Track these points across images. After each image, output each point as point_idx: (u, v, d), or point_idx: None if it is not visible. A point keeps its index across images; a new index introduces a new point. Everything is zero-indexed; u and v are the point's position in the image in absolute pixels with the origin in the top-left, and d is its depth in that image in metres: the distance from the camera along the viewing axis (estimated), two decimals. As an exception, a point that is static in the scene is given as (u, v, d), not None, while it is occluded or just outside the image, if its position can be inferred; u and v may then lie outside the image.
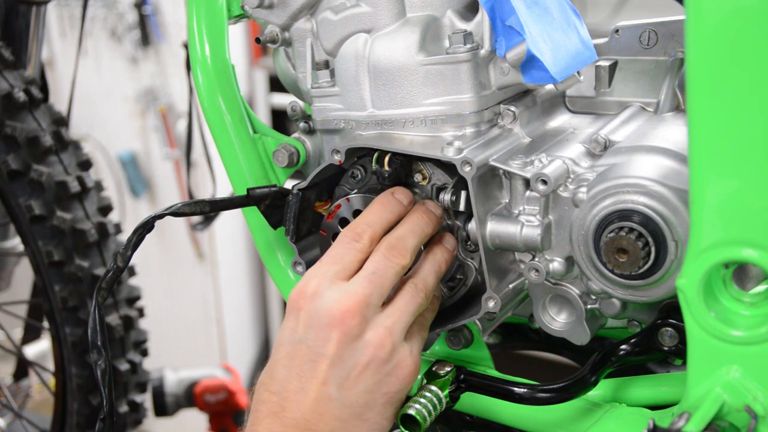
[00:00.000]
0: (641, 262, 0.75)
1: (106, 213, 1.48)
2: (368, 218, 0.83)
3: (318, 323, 0.77)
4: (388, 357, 0.77)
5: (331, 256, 0.81)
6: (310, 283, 0.79)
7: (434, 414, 0.84)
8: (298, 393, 0.77)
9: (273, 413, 0.77)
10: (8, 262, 1.83)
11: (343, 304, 0.76)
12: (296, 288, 0.80)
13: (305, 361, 0.77)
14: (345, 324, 0.76)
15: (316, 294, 0.78)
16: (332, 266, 0.80)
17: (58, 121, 1.42)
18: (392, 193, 0.85)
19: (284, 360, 0.78)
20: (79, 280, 1.40)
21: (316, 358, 0.77)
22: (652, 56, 0.92)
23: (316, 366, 0.76)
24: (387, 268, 0.79)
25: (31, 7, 1.48)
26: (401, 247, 0.81)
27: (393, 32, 0.87)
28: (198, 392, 2.20)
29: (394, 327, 0.78)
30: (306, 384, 0.76)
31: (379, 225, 0.83)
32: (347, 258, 0.80)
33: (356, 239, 0.81)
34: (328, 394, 0.76)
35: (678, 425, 0.67)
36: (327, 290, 0.78)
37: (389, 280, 0.80)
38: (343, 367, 0.76)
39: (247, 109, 1.03)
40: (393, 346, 0.78)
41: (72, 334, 1.43)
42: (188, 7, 1.00)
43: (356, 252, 0.81)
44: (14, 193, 1.36)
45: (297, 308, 0.79)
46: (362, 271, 0.79)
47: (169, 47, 3.28)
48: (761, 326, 0.69)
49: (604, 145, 0.84)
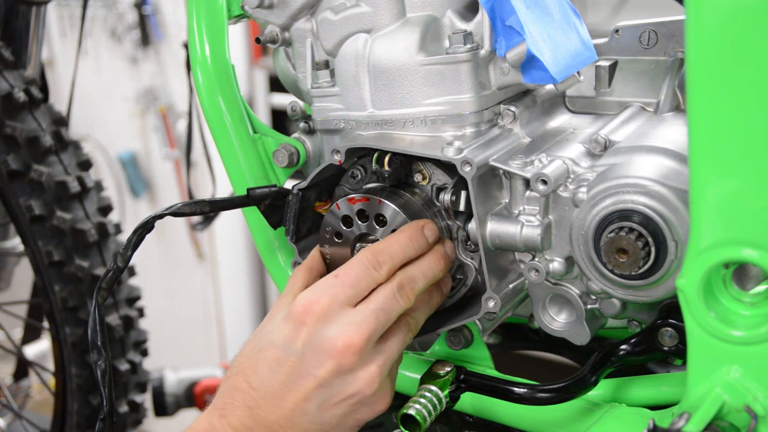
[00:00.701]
0: (641, 262, 0.75)
1: (106, 213, 1.48)
2: (393, 249, 0.83)
3: (317, 347, 0.78)
4: (373, 393, 0.80)
5: (348, 276, 0.80)
6: (320, 301, 0.79)
7: (434, 414, 0.84)
8: (277, 399, 0.78)
9: (248, 407, 0.79)
10: (8, 262, 1.83)
11: (348, 338, 0.77)
12: (305, 299, 0.79)
13: (294, 373, 0.78)
14: (344, 357, 0.77)
15: (323, 316, 0.78)
16: (346, 289, 0.79)
17: (58, 121, 1.42)
18: (422, 228, 0.85)
19: (273, 363, 0.79)
20: (79, 280, 1.40)
21: (305, 375, 0.78)
22: (652, 56, 0.92)
23: (303, 382, 0.78)
24: (393, 307, 0.80)
25: (31, 7, 1.48)
26: (410, 289, 0.82)
27: (393, 32, 0.87)
28: (198, 392, 2.19)
29: (384, 365, 0.80)
30: (288, 394, 0.78)
31: (400, 260, 0.83)
32: (362, 285, 0.80)
33: (376, 267, 0.81)
34: (305, 410, 0.78)
35: (678, 425, 0.67)
36: (335, 316, 0.78)
37: (391, 319, 0.81)
38: (328, 392, 0.78)
39: (247, 109, 1.03)
40: (380, 385, 0.80)
41: (72, 334, 1.43)
42: (188, 7, 1.00)
43: (372, 281, 0.81)
44: (14, 193, 1.36)
45: (301, 321, 0.79)
46: (371, 303, 0.80)
47: (169, 47, 3.28)
48: (761, 326, 0.69)
49: (604, 145, 0.84)
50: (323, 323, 0.78)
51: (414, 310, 0.84)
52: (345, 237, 0.89)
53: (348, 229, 0.88)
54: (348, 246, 0.89)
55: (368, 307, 0.79)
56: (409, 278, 0.82)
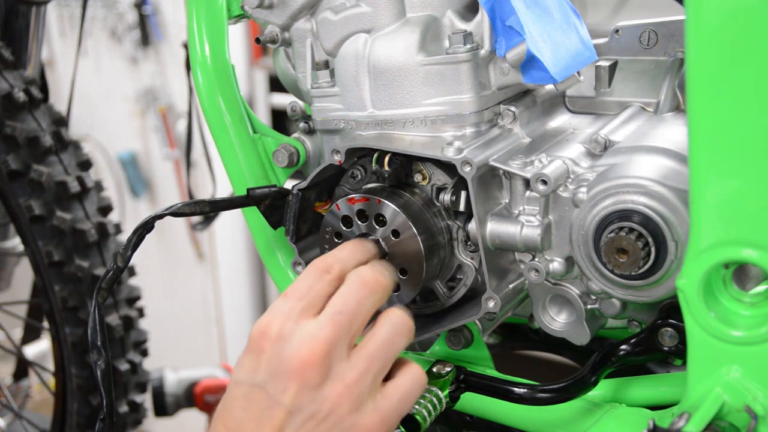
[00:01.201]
0: (641, 262, 0.75)
1: (106, 213, 1.48)
2: (340, 254, 0.80)
3: (277, 370, 0.73)
4: (350, 412, 0.73)
5: (296, 290, 0.76)
6: (273, 323, 0.74)
7: (434, 414, 0.84)
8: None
9: None
10: (8, 262, 1.83)
11: (307, 351, 0.72)
12: (259, 325, 0.75)
13: (262, 406, 0.73)
14: (303, 375, 0.72)
15: (279, 337, 0.74)
16: (298, 302, 0.75)
17: (58, 121, 1.42)
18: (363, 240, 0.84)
19: (242, 401, 0.75)
20: (79, 280, 1.40)
21: (273, 405, 0.73)
22: (652, 56, 0.92)
23: (273, 413, 0.73)
24: (357, 304, 0.75)
25: (31, 7, 1.48)
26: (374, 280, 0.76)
27: (393, 32, 0.87)
28: (198, 392, 2.19)
29: (357, 382, 0.73)
30: (262, 428, 0.73)
31: (351, 263, 0.79)
32: (313, 293, 0.76)
33: (326, 271, 0.77)
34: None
35: (678, 425, 0.67)
36: (291, 333, 0.73)
37: (359, 318, 0.75)
38: (300, 418, 0.72)
39: (247, 109, 1.03)
40: (351, 406, 0.73)
41: (72, 334, 1.43)
42: (188, 7, 1.00)
43: (324, 285, 0.76)
44: (14, 193, 1.36)
45: (259, 349, 0.74)
46: (328, 307, 0.75)
47: (169, 47, 3.28)
48: (761, 326, 0.69)
49: (604, 145, 0.84)
50: (281, 344, 0.73)
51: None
52: (345, 237, 0.89)
53: (348, 229, 0.88)
54: None
55: (325, 313, 0.74)
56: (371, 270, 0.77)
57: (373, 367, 0.74)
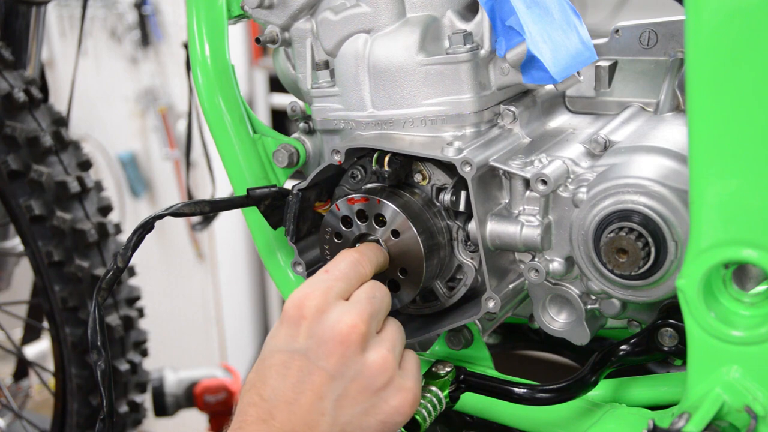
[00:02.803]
0: (641, 262, 0.75)
1: (106, 213, 1.48)
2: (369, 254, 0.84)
3: (321, 337, 0.76)
4: (388, 380, 0.77)
5: (338, 270, 0.80)
6: (312, 296, 0.78)
7: (434, 414, 0.84)
8: (291, 404, 0.75)
9: (262, 419, 0.75)
10: (8, 262, 1.83)
11: (350, 320, 0.76)
12: (297, 296, 0.79)
13: (303, 372, 0.76)
14: (349, 340, 0.75)
15: (319, 308, 0.77)
16: (338, 282, 0.79)
17: (58, 121, 1.42)
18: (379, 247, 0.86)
19: (279, 368, 0.76)
20: (79, 280, 1.40)
21: (314, 371, 0.75)
22: (652, 56, 0.92)
23: (314, 378, 0.75)
24: (381, 296, 0.80)
25: (31, 8, 1.48)
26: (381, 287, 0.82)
27: (393, 32, 0.87)
28: (198, 392, 2.19)
29: (392, 350, 0.78)
30: (301, 396, 0.75)
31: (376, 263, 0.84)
32: (352, 280, 0.80)
33: (363, 265, 0.82)
34: (321, 409, 0.75)
35: (678, 425, 0.67)
36: (331, 307, 0.77)
37: (385, 308, 0.80)
38: (342, 384, 0.75)
39: (247, 109, 1.03)
40: (394, 370, 0.77)
41: (72, 334, 1.43)
42: (188, 7, 1.00)
43: (359, 276, 0.81)
44: (14, 193, 1.36)
45: (299, 317, 0.77)
46: (362, 293, 0.80)
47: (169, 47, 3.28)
48: (761, 326, 0.69)
49: (604, 145, 0.84)
50: (322, 314, 0.77)
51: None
52: (345, 237, 0.89)
53: (348, 229, 0.88)
54: (348, 246, 0.89)
55: (360, 296, 0.79)
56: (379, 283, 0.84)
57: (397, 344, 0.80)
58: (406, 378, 0.79)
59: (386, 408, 0.77)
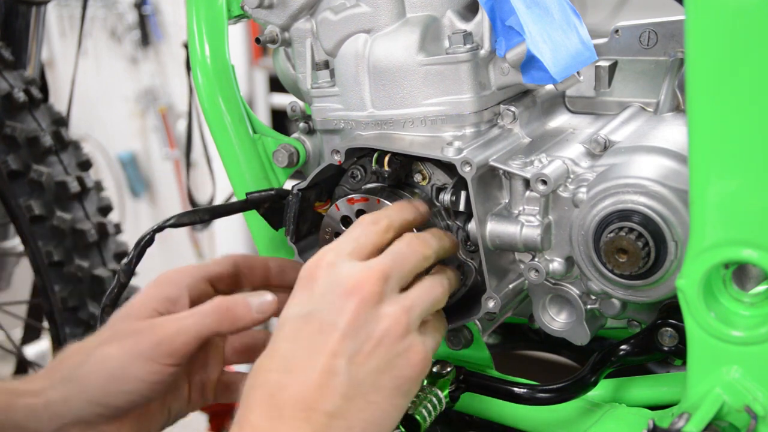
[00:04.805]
0: (641, 262, 0.75)
1: (106, 213, 1.48)
2: (387, 211, 0.81)
3: (334, 291, 0.72)
4: (402, 334, 0.73)
5: (347, 235, 0.78)
6: (326, 256, 0.75)
7: (434, 414, 0.84)
8: (304, 368, 0.70)
9: (269, 395, 0.70)
10: (8, 262, 1.83)
11: (363, 273, 0.73)
12: (310, 261, 0.76)
13: (315, 332, 0.71)
14: (363, 291, 0.72)
15: (332, 264, 0.74)
16: (348, 244, 0.76)
17: (58, 121, 1.43)
18: (410, 201, 0.84)
19: (289, 334, 0.72)
20: (79, 280, 1.40)
21: (327, 329, 0.71)
22: (652, 56, 0.92)
23: (327, 338, 0.70)
24: (409, 253, 0.76)
25: (31, 8, 1.48)
26: (424, 239, 0.79)
27: (393, 32, 0.87)
28: (198, 392, 2.19)
29: (411, 308, 0.74)
30: (314, 357, 0.70)
31: (398, 219, 0.80)
32: (363, 239, 0.77)
33: (374, 222, 0.78)
34: (336, 368, 0.70)
35: (678, 425, 0.67)
36: (345, 263, 0.74)
37: (410, 264, 0.76)
38: (356, 339, 0.71)
39: (247, 109, 1.03)
40: (408, 325, 0.73)
41: (72, 334, 1.43)
42: (188, 7, 1.00)
43: (373, 235, 0.77)
44: (14, 193, 1.36)
45: (311, 277, 0.74)
46: (383, 253, 0.76)
47: (169, 47, 3.28)
48: (761, 326, 0.69)
49: (604, 145, 0.84)
50: (334, 269, 0.73)
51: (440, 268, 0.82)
52: None
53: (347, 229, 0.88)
54: None
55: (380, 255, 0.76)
56: (419, 235, 0.80)
57: (422, 303, 0.76)
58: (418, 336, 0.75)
59: (400, 364, 0.73)
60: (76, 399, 0.81)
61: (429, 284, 0.78)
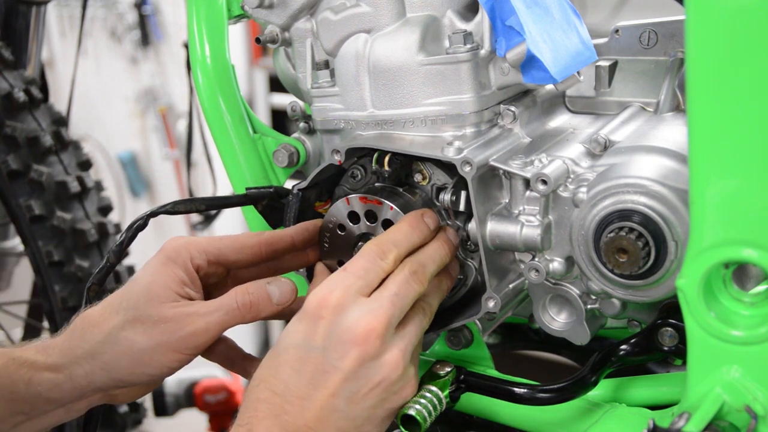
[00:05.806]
0: (641, 262, 0.75)
1: (106, 213, 1.48)
2: (396, 237, 0.83)
3: (339, 337, 0.77)
4: (399, 378, 0.78)
5: (356, 268, 0.80)
6: (333, 294, 0.78)
7: (434, 414, 0.84)
8: (304, 400, 0.76)
9: (274, 415, 0.76)
10: (8, 262, 1.83)
11: (368, 323, 0.76)
12: (317, 295, 0.79)
13: (318, 370, 0.77)
14: (367, 344, 0.76)
15: (339, 306, 0.77)
16: (357, 280, 0.79)
17: (58, 121, 1.43)
18: (422, 216, 0.85)
19: (294, 363, 0.78)
20: (79, 280, 1.40)
21: (329, 370, 0.77)
22: (652, 56, 0.92)
23: (329, 377, 0.76)
24: (408, 292, 0.80)
25: (31, 8, 1.48)
26: (422, 273, 0.82)
27: (393, 32, 0.87)
28: (198, 392, 2.19)
29: (406, 349, 0.79)
30: (315, 393, 0.76)
31: (405, 247, 0.82)
32: (371, 275, 0.80)
33: (382, 257, 0.81)
34: (334, 406, 0.76)
35: (678, 425, 0.67)
36: (351, 305, 0.78)
37: (408, 304, 0.80)
38: (356, 383, 0.77)
39: (247, 109, 1.03)
40: (405, 366, 0.79)
41: (72, 334, 1.43)
42: (188, 7, 1.00)
43: (380, 270, 0.80)
44: (14, 193, 1.36)
45: (317, 316, 0.78)
46: (385, 290, 0.79)
47: (169, 47, 3.28)
48: (761, 326, 0.69)
49: (604, 145, 0.84)
50: (340, 314, 0.77)
51: (427, 295, 0.84)
52: (348, 230, 0.89)
53: (354, 225, 0.88)
54: (348, 245, 0.89)
55: (383, 294, 0.79)
56: (419, 263, 0.82)
57: (413, 340, 0.81)
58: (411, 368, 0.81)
59: (395, 399, 0.80)
60: (99, 375, 0.86)
61: (419, 318, 0.83)
